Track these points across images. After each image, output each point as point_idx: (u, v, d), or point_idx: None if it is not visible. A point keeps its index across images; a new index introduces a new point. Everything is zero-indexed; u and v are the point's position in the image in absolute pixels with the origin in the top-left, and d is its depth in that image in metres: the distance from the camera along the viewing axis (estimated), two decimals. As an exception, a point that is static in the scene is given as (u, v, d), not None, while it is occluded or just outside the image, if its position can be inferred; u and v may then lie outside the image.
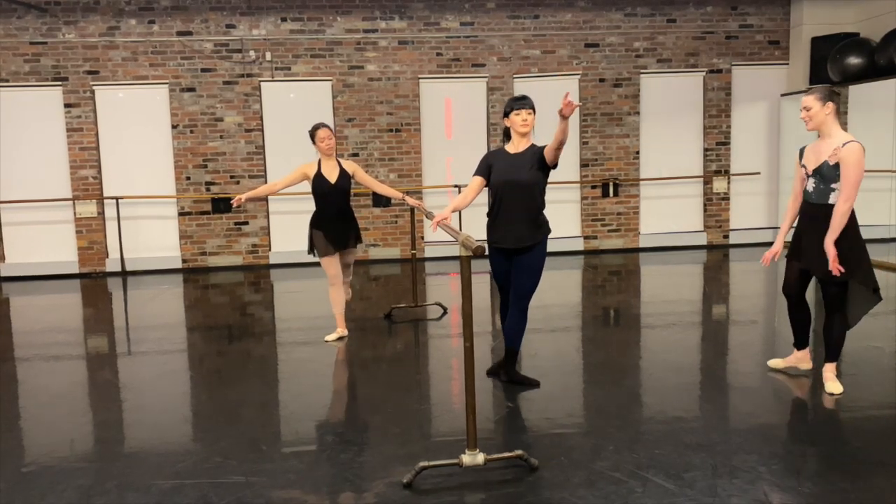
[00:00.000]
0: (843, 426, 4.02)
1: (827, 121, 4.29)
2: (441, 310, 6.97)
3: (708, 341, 5.92)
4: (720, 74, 10.46)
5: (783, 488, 3.22)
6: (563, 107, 3.93)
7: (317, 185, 5.77)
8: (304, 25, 9.83)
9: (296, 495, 3.31)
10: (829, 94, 4.30)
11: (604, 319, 6.97)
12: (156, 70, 9.68)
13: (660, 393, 4.62)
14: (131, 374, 5.54)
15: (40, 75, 9.52)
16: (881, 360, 5.16)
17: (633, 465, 3.49)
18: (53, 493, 3.37)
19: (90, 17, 9.52)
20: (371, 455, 3.75)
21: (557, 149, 4.25)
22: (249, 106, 9.84)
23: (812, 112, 4.30)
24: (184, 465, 3.65)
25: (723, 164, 10.60)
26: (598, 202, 10.48)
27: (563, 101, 3.93)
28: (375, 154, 10.05)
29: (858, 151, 4.16)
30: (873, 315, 6.63)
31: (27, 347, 6.45)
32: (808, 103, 4.31)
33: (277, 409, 4.64)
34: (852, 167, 4.14)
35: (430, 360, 5.78)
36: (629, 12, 10.24)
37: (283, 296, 8.62)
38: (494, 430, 4.05)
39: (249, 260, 10.04)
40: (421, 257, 9.81)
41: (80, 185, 9.68)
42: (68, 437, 4.10)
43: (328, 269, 5.89)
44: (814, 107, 4.29)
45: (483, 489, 3.31)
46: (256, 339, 6.45)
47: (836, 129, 4.29)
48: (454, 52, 10.06)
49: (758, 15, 10.42)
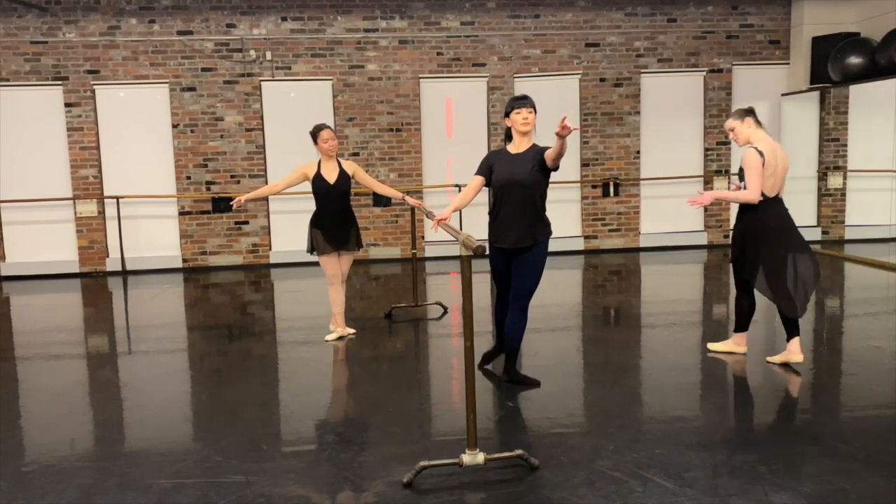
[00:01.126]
0: (843, 426, 4.02)
1: (750, 133, 4.85)
2: (441, 309, 6.97)
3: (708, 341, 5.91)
4: (721, 74, 10.46)
5: (784, 488, 3.22)
6: (560, 129, 3.94)
7: (316, 185, 5.76)
8: (304, 25, 9.83)
9: (296, 494, 3.31)
10: (743, 112, 4.91)
11: (604, 319, 6.97)
12: (156, 69, 9.68)
13: (660, 392, 4.62)
14: (132, 373, 5.54)
15: (41, 75, 9.52)
16: (882, 360, 5.16)
17: (633, 465, 3.49)
18: (54, 493, 3.37)
19: (91, 16, 9.52)
20: (371, 454, 3.75)
21: (556, 159, 4.29)
22: (250, 105, 9.84)
23: (736, 131, 4.90)
24: (184, 464, 3.65)
25: (723, 163, 10.59)
26: (599, 202, 10.47)
27: (560, 123, 3.94)
28: (376, 154, 10.05)
29: (752, 153, 4.73)
30: (874, 315, 6.66)
31: (28, 347, 6.45)
32: (730, 125, 4.94)
33: (278, 408, 4.64)
34: (747, 168, 4.75)
35: (431, 360, 5.78)
36: (630, 12, 10.24)
37: (284, 295, 8.62)
38: (495, 430, 4.05)
39: (250, 259, 10.04)
40: (421, 257, 9.81)
41: (80, 184, 9.68)
42: (69, 436, 4.10)
43: (327, 268, 5.88)
44: (736, 126, 4.90)
45: (483, 489, 3.31)
46: (257, 338, 6.45)
47: (756, 137, 4.84)
48: (455, 51, 10.06)
49: (758, 14, 10.41)
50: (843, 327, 6.38)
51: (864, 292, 7.78)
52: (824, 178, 10.62)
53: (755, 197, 4.72)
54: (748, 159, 4.74)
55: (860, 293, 7.79)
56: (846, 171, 10.60)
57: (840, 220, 10.66)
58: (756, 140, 4.84)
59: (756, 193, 4.71)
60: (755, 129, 4.85)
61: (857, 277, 8.40)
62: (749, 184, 4.73)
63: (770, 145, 4.82)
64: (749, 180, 4.73)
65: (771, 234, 4.80)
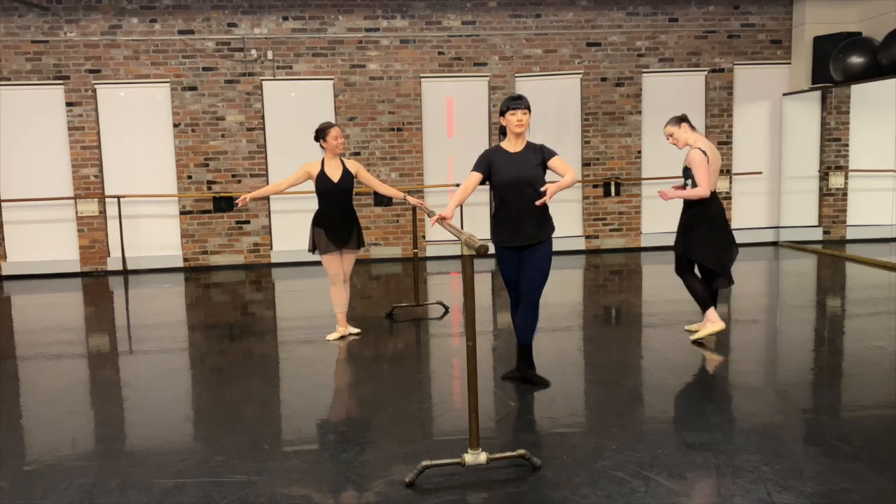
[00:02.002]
0: (845, 426, 4.01)
1: (688, 136, 5.38)
2: (442, 309, 6.96)
3: (710, 341, 5.91)
4: (722, 74, 10.45)
5: (786, 488, 3.21)
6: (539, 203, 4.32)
7: (320, 183, 5.77)
8: (305, 24, 9.82)
9: (298, 494, 3.31)
10: (678, 119, 5.45)
11: (606, 319, 6.97)
12: (157, 69, 9.68)
13: (662, 392, 4.61)
14: (133, 372, 5.54)
15: (42, 74, 9.52)
16: (883, 359, 5.15)
17: (635, 465, 3.48)
18: (56, 492, 3.37)
19: (92, 15, 9.52)
20: (373, 454, 3.75)
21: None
22: (251, 105, 9.84)
23: (675, 136, 5.42)
24: (186, 463, 3.65)
25: (724, 163, 10.57)
26: (600, 201, 10.47)
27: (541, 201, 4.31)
28: (377, 153, 10.04)
29: (697, 153, 5.26)
30: (875, 315, 6.65)
31: (29, 346, 6.45)
32: (669, 131, 5.45)
33: (279, 407, 4.64)
34: (695, 167, 5.25)
35: (432, 360, 5.78)
36: (631, 11, 10.23)
37: (285, 294, 8.62)
38: (497, 430, 4.04)
39: (251, 259, 10.04)
40: (422, 256, 9.81)
41: (81, 183, 9.68)
42: (70, 435, 4.10)
43: (329, 267, 5.88)
44: (674, 131, 5.42)
45: (485, 488, 3.31)
46: (258, 337, 6.45)
47: (693, 139, 5.37)
48: (456, 51, 10.05)
49: (760, 14, 10.41)
50: (845, 327, 6.38)
51: (865, 292, 7.78)
52: (826, 177, 10.61)
53: (707, 192, 5.24)
54: (695, 159, 5.25)
55: (861, 293, 7.78)
56: (847, 171, 10.59)
57: (841, 219, 10.65)
58: (694, 141, 5.35)
59: (707, 189, 5.23)
60: (691, 132, 5.39)
61: (859, 277, 8.40)
62: (700, 181, 5.23)
63: (707, 145, 5.36)
64: (699, 178, 5.24)
65: (716, 220, 5.37)
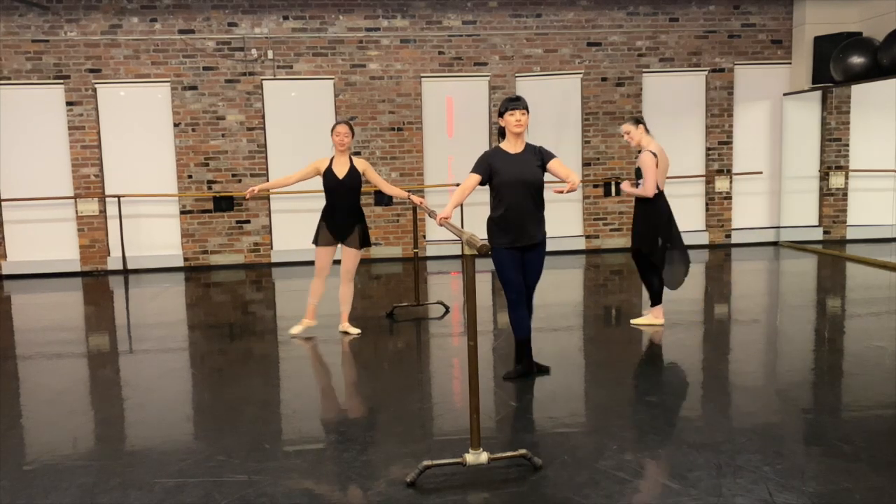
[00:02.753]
0: (846, 426, 4.01)
1: (641, 137, 5.81)
2: (443, 309, 6.96)
3: (710, 341, 5.91)
4: (723, 73, 10.45)
5: (787, 488, 3.21)
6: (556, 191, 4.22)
7: (326, 179, 5.91)
8: (306, 24, 9.82)
9: (299, 494, 3.31)
10: (636, 120, 5.90)
11: (606, 319, 6.97)
12: (158, 68, 9.67)
13: (663, 392, 4.61)
14: (133, 372, 5.54)
15: (42, 73, 9.51)
16: (884, 360, 5.15)
17: (636, 465, 3.48)
18: (56, 492, 3.37)
19: (92, 14, 9.51)
20: (374, 454, 3.74)
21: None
22: (251, 104, 9.84)
23: (632, 134, 5.83)
24: (186, 463, 3.65)
25: (725, 163, 10.58)
26: (600, 201, 10.47)
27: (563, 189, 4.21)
28: (377, 153, 10.04)
29: (647, 156, 5.70)
30: (876, 315, 6.65)
31: (29, 345, 6.45)
32: (626, 129, 5.87)
33: (279, 407, 4.64)
34: (644, 168, 5.71)
35: (433, 359, 5.78)
36: (631, 11, 10.23)
37: (285, 294, 8.61)
38: (498, 430, 4.04)
39: (251, 258, 10.04)
40: (423, 256, 9.80)
41: (81, 183, 9.68)
42: (70, 435, 4.10)
43: (318, 259, 6.02)
44: (631, 130, 5.83)
45: (486, 488, 3.30)
46: (258, 337, 6.45)
47: (646, 141, 5.80)
48: (456, 50, 10.05)
49: (760, 14, 10.40)
50: (846, 327, 6.37)
51: (865, 292, 7.78)
52: (826, 177, 10.61)
53: (651, 192, 5.71)
54: (645, 162, 5.71)
55: (862, 293, 7.78)
56: (848, 171, 10.59)
57: (842, 219, 10.65)
58: (647, 143, 5.79)
59: (652, 189, 5.71)
60: (645, 134, 5.81)
61: (859, 277, 8.40)
62: (647, 181, 5.69)
63: (657, 148, 5.78)
64: (646, 178, 5.69)
65: (661, 219, 5.80)
